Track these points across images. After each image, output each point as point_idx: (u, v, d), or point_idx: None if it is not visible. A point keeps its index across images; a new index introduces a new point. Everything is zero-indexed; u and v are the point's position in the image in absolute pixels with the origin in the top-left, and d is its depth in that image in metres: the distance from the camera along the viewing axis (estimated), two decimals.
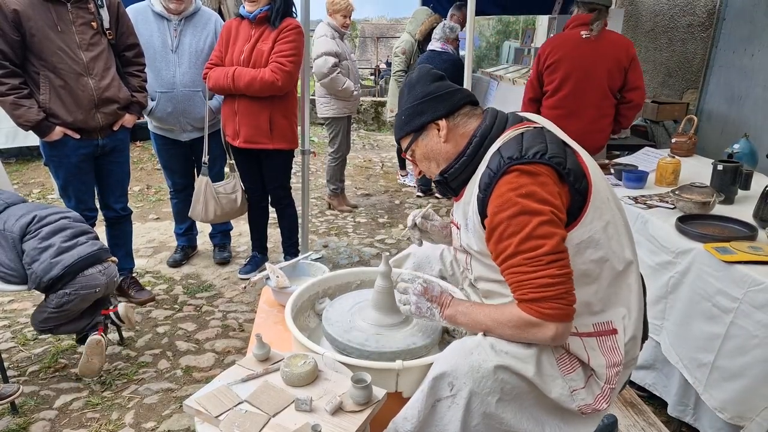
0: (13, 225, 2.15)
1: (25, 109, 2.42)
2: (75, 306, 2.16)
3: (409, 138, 1.38)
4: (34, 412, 2.14)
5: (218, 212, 3.08)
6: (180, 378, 2.38)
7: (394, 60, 4.96)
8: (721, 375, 1.74)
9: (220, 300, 3.09)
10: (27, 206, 2.29)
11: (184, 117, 3.08)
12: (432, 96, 1.34)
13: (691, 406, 1.95)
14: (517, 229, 1.14)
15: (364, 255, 3.76)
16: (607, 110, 2.95)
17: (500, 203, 1.17)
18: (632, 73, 2.90)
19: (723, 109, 4.11)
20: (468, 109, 1.36)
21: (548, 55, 2.94)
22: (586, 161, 1.24)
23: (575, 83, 2.88)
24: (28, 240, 2.13)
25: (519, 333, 1.19)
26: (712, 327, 1.77)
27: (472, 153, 1.29)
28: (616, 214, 1.25)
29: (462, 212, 1.34)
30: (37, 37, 2.38)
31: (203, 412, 1.17)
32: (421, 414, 1.21)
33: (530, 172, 1.16)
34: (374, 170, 6.23)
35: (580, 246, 1.20)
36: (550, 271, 1.12)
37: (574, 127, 2.92)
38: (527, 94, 3.15)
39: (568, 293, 1.14)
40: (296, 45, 2.81)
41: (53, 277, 2.08)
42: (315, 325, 1.66)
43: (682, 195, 2.16)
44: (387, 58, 14.29)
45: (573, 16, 3.00)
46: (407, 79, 1.41)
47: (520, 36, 7.87)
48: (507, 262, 1.18)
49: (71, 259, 2.11)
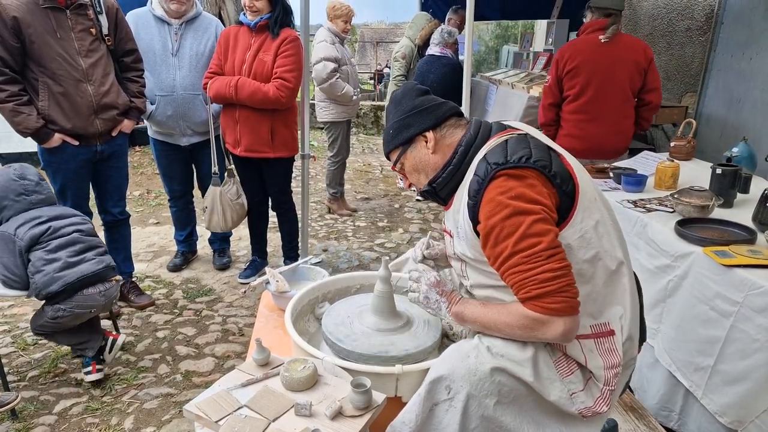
0: (25, 234, 2.15)
1: (24, 116, 2.42)
2: (68, 321, 2.18)
3: (397, 151, 1.41)
4: (33, 417, 2.14)
5: (234, 218, 3.14)
6: (180, 383, 2.38)
7: (393, 65, 4.98)
8: (722, 379, 1.73)
9: (220, 304, 3.09)
10: (49, 211, 2.27)
11: (184, 120, 3.09)
12: (418, 109, 1.37)
13: (677, 411, 1.94)
14: (512, 230, 1.16)
15: (363, 259, 3.76)
16: (628, 112, 3.02)
17: (491, 207, 1.18)
18: (651, 75, 2.96)
19: (722, 112, 4.12)
20: (454, 120, 1.39)
21: (567, 61, 2.99)
22: (572, 164, 1.26)
23: (597, 87, 2.95)
24: (37, 250, 2.15)
25: (529, 333, 1.18)
26: (711, 330, 1.77)
27: (459, 161, 1.31)
28: (604, 213, 1.27)
29: (453, 220, 1.36)
30: (37, 44, 2.39)
31: (203, 417, 1.17)
32: (419, 418, 1.21)
33: (517, 176, 1.18)
34: (374, 174, 6.24)
35: (572, 246, 1.21)
36: (550, 265, 1.13)
37: (597, 130, 3.01)
38: (546, 99, 3.20)
39: (571, 285, 1.15)
40: (297, 59, 2.85)
41: (52, 291, 2.10)
42: (315, 330, 1.66)
43: (681, 198, 2.16)
44: (387, 62, 14.33)
45: (588, 22, 3.05)
46: (393, 95, 1.45)
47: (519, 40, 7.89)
48: (506, 263, 1.18)
49: (73, 277, 2.13)
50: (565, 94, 3.07)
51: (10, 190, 2.24)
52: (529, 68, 5.34)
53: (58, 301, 2.14)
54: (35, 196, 2.29)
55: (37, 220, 2.20)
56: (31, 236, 2.15)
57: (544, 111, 3.23)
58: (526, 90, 4.16)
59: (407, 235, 4.24)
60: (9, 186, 2.25)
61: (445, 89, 4.24)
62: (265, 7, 2.82)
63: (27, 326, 2.79)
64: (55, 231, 2.20)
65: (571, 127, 3.10)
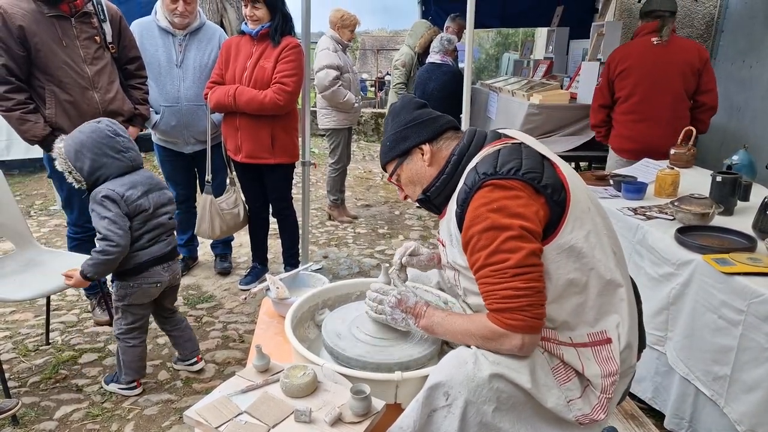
0: (131, 204, 2.09)
1: (31, 124, 2.44)
2: (137, 298, 2.21)
3: (394, 163, 1.43)
4: (34, 423, 2.14)
5: (223, 228, 3.13)
6: (180, 389, 2.38)
7: (393, 73, 5.01)
8: (740, 388, 1.72)
9: (221, 311, 3.10)
10: (147, 180, 2.19)
11: (188, 130, 3.11)
12: (416, 122, 1.39)
13: (687, 419, 1.93)
14: (486, 243, 1.19)
15: (364, 266, 3.76)
16: (682, 113, 3.09)
17: (473, 217, 1.22)
18: (705, 76, 3.04)
19: (722, 120, 4.13)
20: (451, 133, 1.41)
21: (618, 63, 3.11)
22: (566, 173, 1.27)
23: (648, 89, 3.04)
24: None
25: (489, 343, 1.22)
26: (722, 339, 1.77)
27: (452, 171, 1.34)
28: (598, 223, 1.27)
29: (446, 229, 1.38)
30: (43, 52, 2.42)
31: (203, 423, 1.17)
32: (417, 424, 1.21)
33: (503, 186, 1.20)
34: (374, 181, 6.25)
35: (562, 255, 1.22)
36: (513, 284, 1.17)
37: (648, 131, 3.10)
38: (597, 100, 3.33)
39: (532, 306, 1.17)
40: (297, 65, 2.87)
41: (123, 268, 2.14)
42: (315, 336, 1.67)
43: (682, 206, 2.17)
44: (387, 70, 14.39)
45: (641, 26, 3.17)
46: (391, 108, 1.47)
47: (520, 48, 7.93)
48: (478, 273, 1.23)
49: (144, 257, 2.16)
50: (616, 96, 3.19)
51: (108, 147, 2.08)
52: (529, 76, 5.37)
53: (126, 278, 2.17)
54: (133, 153, 2.17)
55: (140, 190, 2.13)
56: (135, 209, 2.11)
57: (594, 113, 3.37)
58: (526, 98, 4.18)
59: (408, 242, 4.24)
60: (106, 142, 2.08)
61: (446, 97, 4.26)
62: (265, 16, 2.85)
63: (29, 332, 2.80)
64: (154, 212, 2.17)
65: (622, 127, 3.21)
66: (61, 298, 3.19)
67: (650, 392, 2.12)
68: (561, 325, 1.27)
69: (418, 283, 1.69)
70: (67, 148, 2.08)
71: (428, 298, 1.55)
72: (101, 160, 2.08)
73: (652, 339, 2.04)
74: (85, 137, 2.08)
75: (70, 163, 2.08)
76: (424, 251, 1.62)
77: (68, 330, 2.85)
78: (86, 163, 2.07)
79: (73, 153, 2.07)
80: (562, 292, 1.24)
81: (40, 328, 2.79)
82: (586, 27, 5.07)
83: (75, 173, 2.10)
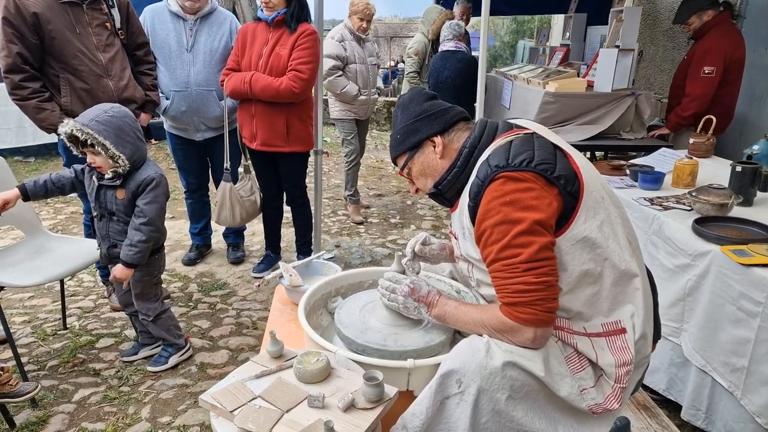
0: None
1: (47, 112, 2.45)
2: (162, 267, 2.36)
3: (405, 156, 1.42)
4: (53, 405, 2.19)
5: (243, 215, 3.17)
6: (195, 374, 2.41)
7: (407, 61, 4.93)
8: (757, 380, 1.71)
9: (234, 298, 3.13)
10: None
11: (198, 116, 3.12)
12: (426, 114, 1.38)
13: (703, 410, 1.92)
14: (498, 237, 1.19)
15: (376, 255, 3.77)
16: None
17: (485, 211, 1.21)
18: None
19: (743, 109, 4.03)
20: (462, 125, 1.40)
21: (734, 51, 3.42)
22: (579, 163, 1.25)
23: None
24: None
25: (501, 335, 1.23)
26: (740, 331, 1.75)
27: (463, 163, 1.32)
28: (612, 213, 1.26)
29: (458, 222, 1.37)
30: (57, 40, 2.42)
31: (218, 407, 1.19)
32: (430, 410, 1.22)
33: (516, 179, 1.19)
34: (386, 170, 6.24)
35: (576, 247, 1.21)
36: (525, 278, 1.16)
37: None
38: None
39: (544, 300, 1.17)
40: (313, 51, 2.86)
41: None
42: (327, 324, 1.68)
43: (700, 196, 2.13)
44: (400, 58, 14.29)
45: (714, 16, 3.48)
46: (400, 100, 1.45)
47: (535, 35, 7.80)
48: (491, 266, 1.23)
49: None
50: None
51: (138, 131, 2.09)
52: (545, 63, 5.28)
53: (156, 253, 2.30)
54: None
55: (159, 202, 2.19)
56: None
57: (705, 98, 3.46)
58: (542, 86, 4.11)
59: (419, 232, 4.23)
60: (137, 126, 2.09)
61: (461, 85, 4.20)
62: (280, 3, 2.84)
63: (47, 317, 2.85)
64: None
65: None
66: (77, 284, 3.24)
67: (665, 383, 2.11)
68: (575, 315, 1.26)
69: (430, 272, 1.69)
70: (104, 133, 1.97)
71: (441, 287, 1.55)
72: (137, 144, 2.09)
73: (667, 330, 2.02)
74: (121, 122, 2.03)
75: (112, 148, 1.99)
76: (435, 241, 1.61)
77: (85, 315, 2.90)
78: (127, 147, 2.04)
79: (114, 137, 1.99)
80: (576, 282, 1.23)
81: (58, 313, 2.84)
82: (604, 13, 4.96)
83: (120, 158, 2.02)
